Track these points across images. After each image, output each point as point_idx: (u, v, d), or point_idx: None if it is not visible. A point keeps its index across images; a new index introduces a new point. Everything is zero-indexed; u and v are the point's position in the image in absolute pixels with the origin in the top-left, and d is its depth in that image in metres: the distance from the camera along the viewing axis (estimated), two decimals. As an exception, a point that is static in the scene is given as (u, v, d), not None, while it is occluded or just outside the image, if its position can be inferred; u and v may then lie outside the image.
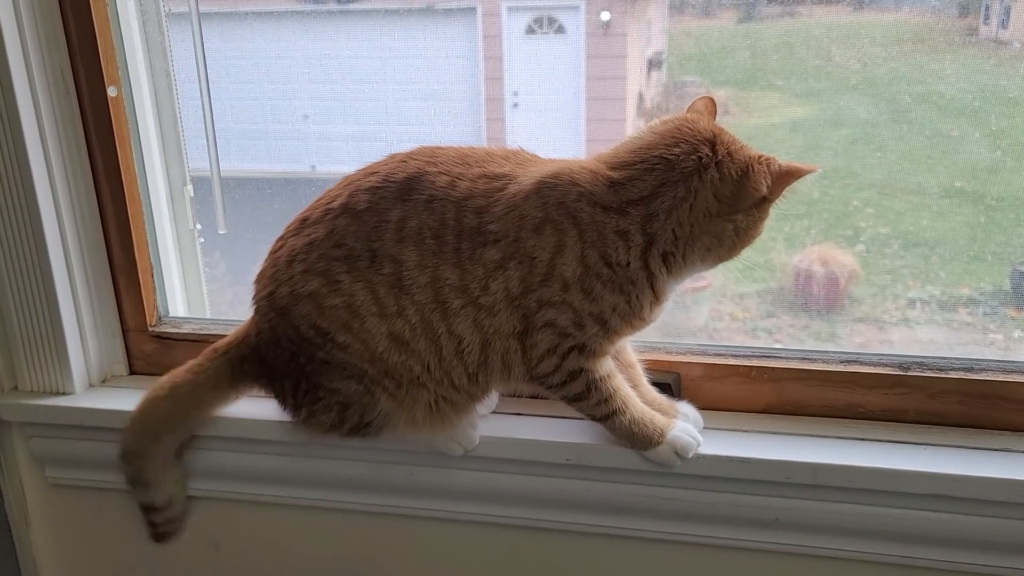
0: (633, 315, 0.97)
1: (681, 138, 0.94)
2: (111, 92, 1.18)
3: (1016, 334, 1.29)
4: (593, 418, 1.04)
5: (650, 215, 0.93)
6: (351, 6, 1.42)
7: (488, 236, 0.96)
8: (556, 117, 1.46)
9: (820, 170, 0.96)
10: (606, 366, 1.02)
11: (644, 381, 1.10)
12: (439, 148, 1.02)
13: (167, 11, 1.27)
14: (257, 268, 1.07)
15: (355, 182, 1.01)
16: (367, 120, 1.47)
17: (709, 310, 1.44)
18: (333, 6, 1.43)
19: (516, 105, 1.42)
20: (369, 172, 1.01)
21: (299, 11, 1.44)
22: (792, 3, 1.25)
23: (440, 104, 1.40)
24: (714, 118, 1.00)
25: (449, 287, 0.97)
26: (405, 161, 1.01)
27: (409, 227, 0.97)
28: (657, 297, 0.98)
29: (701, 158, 0.93)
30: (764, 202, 0.95)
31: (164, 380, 1.12)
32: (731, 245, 0.96)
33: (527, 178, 0.97)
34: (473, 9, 1.43)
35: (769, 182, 0.94)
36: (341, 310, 0.99)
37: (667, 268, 0.96)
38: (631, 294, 0.96)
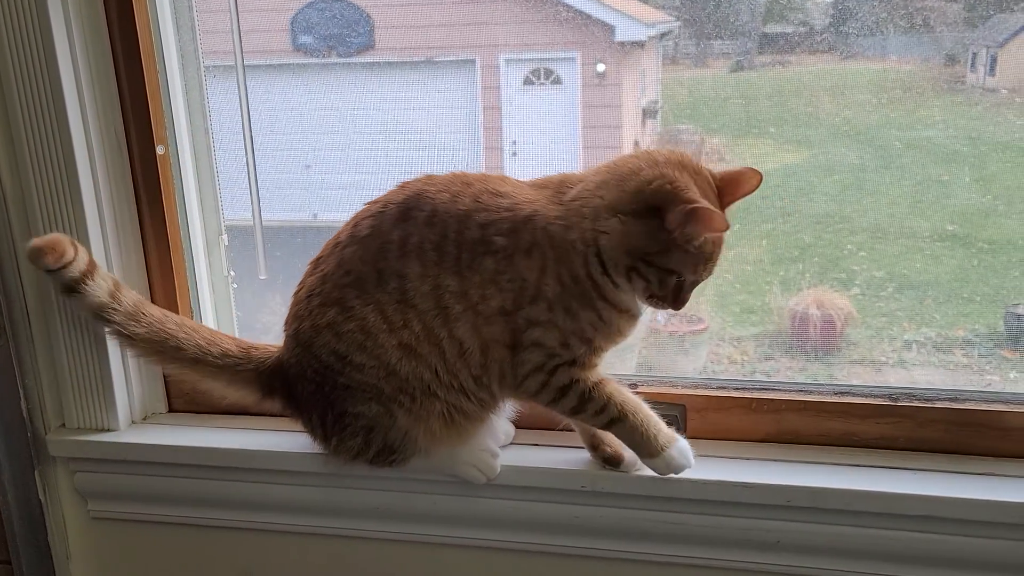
0: (610, 328, 1.05)
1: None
2: (159, 150, 1.26)
3: (1012, 375, 1.32)
4: (599, 427, 1.10)
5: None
6: (354, 59, 1.45)
7: (490, 246, 1.02)
8: (554, 165, 1.43)
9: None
10: (596, 374, 1.07)
11: None
12: (435, 174, 1.09)
13: (206, 67, 1.34)
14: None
15: (358, 214, 1.09)
16: (369, 169, 1.50)
17: (707, 353, 1.47)
18: (336, 59, 1.46)
19: (515, 154, 1.45)
20: (371, 203, 1.09)
21: (302, 64, 1.48)
22: (783, 52, 1.29)
23: (440, 153, 1.44)
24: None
25: (450, 293, 1.03)
26: (404, 186, 1.09)
27: (411, 243, 1.04)
28: (619, 310, 1.04)
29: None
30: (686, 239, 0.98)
31: (192, 347, 1.15)
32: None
33: (525, 200, 1.04)
34: (472, 61, 1.46)
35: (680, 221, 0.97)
36: (356, 333, 1.06)
37: (612, 282, 1.02)
38: (598, 309, 1.03)
